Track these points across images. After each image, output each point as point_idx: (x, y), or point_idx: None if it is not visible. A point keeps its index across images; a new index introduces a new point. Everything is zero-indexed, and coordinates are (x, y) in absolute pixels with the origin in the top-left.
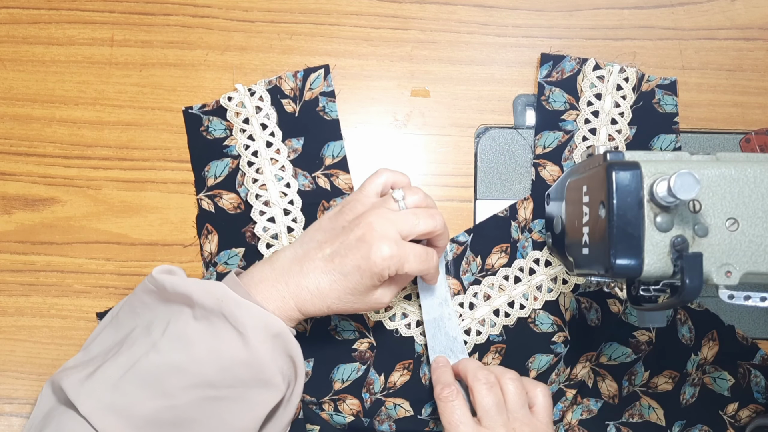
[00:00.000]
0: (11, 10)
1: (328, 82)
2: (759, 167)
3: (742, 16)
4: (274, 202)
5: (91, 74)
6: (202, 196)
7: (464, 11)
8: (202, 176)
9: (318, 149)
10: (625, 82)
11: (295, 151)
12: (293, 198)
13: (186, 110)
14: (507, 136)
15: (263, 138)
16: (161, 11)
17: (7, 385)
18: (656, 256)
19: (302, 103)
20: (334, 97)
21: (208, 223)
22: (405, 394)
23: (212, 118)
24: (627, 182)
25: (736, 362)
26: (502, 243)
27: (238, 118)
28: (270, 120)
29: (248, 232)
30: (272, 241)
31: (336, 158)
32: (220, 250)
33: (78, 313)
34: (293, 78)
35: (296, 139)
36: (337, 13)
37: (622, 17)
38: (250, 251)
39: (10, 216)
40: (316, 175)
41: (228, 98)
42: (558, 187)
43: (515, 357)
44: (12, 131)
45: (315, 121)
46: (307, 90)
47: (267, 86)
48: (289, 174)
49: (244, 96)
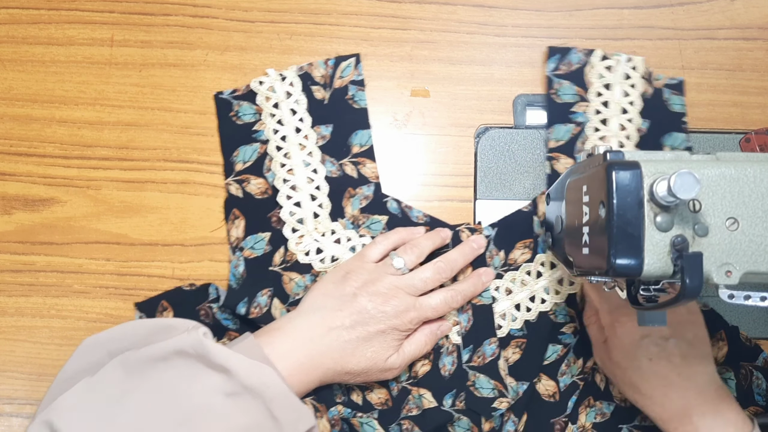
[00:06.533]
0: (11, 10)
1: (358, 71)
2: (759, 167)
3: (741, 15)
4: (300, 188)
5: (91, 74)
6: (230, 181)
7: (464, 11)
8: (231, 161)
9: (346, 137)
10: (632, 71)
11: (323, 138)
12: (320, 184)
13: (217, 95)
14: (507, 136)
15: (292, 123)
16: (161, 11)
17: (7, 386)
18: (656, 256)
19: (332, 91)
20: (364, 86)
21: (235, 208)
22: (427, 385)
23: (242, 102)
24: (627, 182)
25: (739, 363)
26: (525, 238)
27: (268, 103)
28: (299, 106)
29: (274, 217)
30: (297, 226)
31: (363, 147)
32: (247, 235)
33: (78, 314)
34: (324, 65)
35: (324, 126)
36: (337, 13)
37: (621, 17)
38: (276, 236)
39: (10, 216)
40: (343, 162)
41: (259, 82)
42: (558, 187)
43: (535, 351)
44: (12, 131)
45: (344, 109)
46: (338, 78)
47: (298, 72)
48: (317, 160)
49: (275, 80)
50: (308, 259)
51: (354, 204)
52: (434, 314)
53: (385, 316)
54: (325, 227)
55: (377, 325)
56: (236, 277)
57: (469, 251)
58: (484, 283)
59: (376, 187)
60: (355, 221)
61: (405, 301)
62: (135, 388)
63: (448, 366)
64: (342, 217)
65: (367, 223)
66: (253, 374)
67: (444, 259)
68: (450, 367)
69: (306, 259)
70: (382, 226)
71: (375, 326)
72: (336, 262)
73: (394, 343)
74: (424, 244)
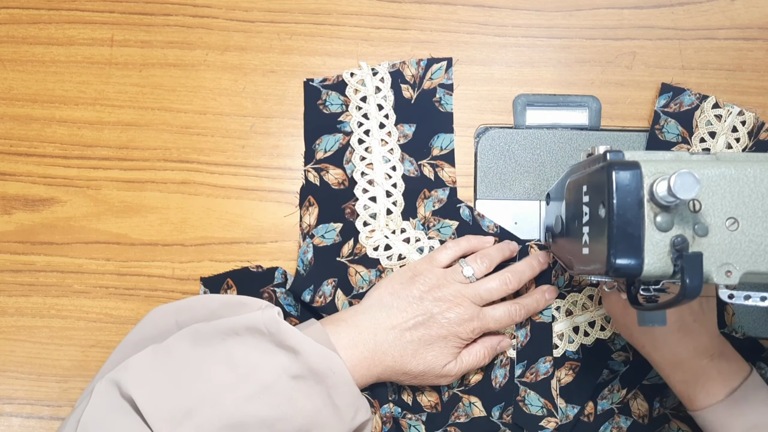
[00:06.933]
0: (11, 10)
1: (448, 75)
2: (759, 167)
3: (741, 15)
4: (378, 183)
5: (91, 74)
6: (309, 168)
7: (464, 11)
8: (312, 149)
9: (428, 138)
10: (741, 125)
11: (406, 137)
12: (397, 182)
13: (307, 82)
14: (507, 136)
15: (377, 118)
16: (161, 11)
17: (7, 386)
18: (656, 256)
19: (420, 91)
20: (452, 90)
21: (311, 195)
22: (478, 393)
23: (331, 92)
24: (627, 182)
25: None
26: None
27: (356, 95)
28: (387, 102)
29: (348, 209)
30: (370, 220)
31: (444, 150)
32: (319, 223)
33: (78, 313)
34: (416, 65)
35: (408, 125)
36: (337, 13)
37: (621, 17)
38: (347, 228)
39: (10, 216)
40: (422, 163)
41: (351, 74)
42: (558, 187)
43: (588, 376)
44: (12, 131)
45: (430, 110)
46: (427, 79)
47: (390, 69)
48: (397, 158)
49: (366, 74)
50: (376, 255)
51: (427, 206)
52: (496, 326)
53: (448, 322)
54: (396, 225)
55: (439, 330)
56: (304, 263)
57: (536, 264)
58: (548, 300)
59: (451, 192)
60: (426, 223)
61: (469, 310)
62: (204, 358)
63: (500, 378)
64: (414, 217)
65: (438, 226)
66: (321, 359)
67: (511, 270)
68: (501, 379)
69: (374, 254)
70: (451, 231)
71: (437, 331)
72: (402, 261)
73: (453, 350)
74: (494, 255)
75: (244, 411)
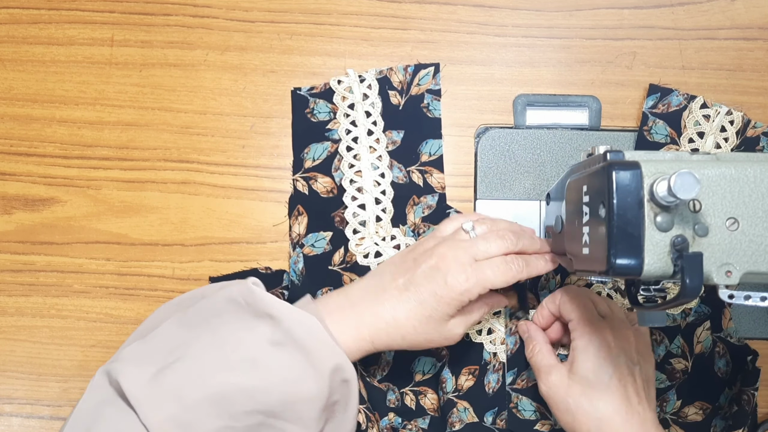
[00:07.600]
0: (11, 10)
1: (436, 81)
2: (759, 167)
3: (742, 15)
4: (366, 190)
5: (91, 74)
6: (297, 177)
7: (464, 11)
8: (301, 158)
9: (416, 145)
10: (729, 125)
11: (394, 143)
12: (386, 188)
13: (294, 91)
14: (507, 136)
15: (365, 125)
16: (161, 11)
17: (7, 385)
18: (656, 256)
19: (408, 97)
20: (440, 95)
21: (299, 204)
22: (470, 399)
23: (318, 100)
24: (627, 182)
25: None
26: None
27: (344, 103)
28: (375, 109)
29: (338, 217)
30: (359, 228)
31: (432, 156)
32: (308, 232)
33: (78, 313)
34: (403, 71)
35: (397, 131)
36: (337, 13)
37: (622, 17)
38: (337, 235)
39: (10, 216)
40: (411, 169)
41: (338, 81)
42: (558, 187)
43: None
44: (12, 131)
45: (418, 116)
46: (415, 85)
47: (377, 75)
48: (385, 165)
49: (353, 81)
50: (367, 262)
51: (417, 212)
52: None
53: (439, 274)
54: (386, 232)
55: (429, 285)
56: (296, 273)
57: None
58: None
59: (441, 198)
60: (415, 229)
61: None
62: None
63: (493, 383)
64: (403, 224)
65: (427, 232)
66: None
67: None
68: (494, 384)
69: (365, 262)
70: None
71: (427, 286)
72: None
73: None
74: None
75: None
